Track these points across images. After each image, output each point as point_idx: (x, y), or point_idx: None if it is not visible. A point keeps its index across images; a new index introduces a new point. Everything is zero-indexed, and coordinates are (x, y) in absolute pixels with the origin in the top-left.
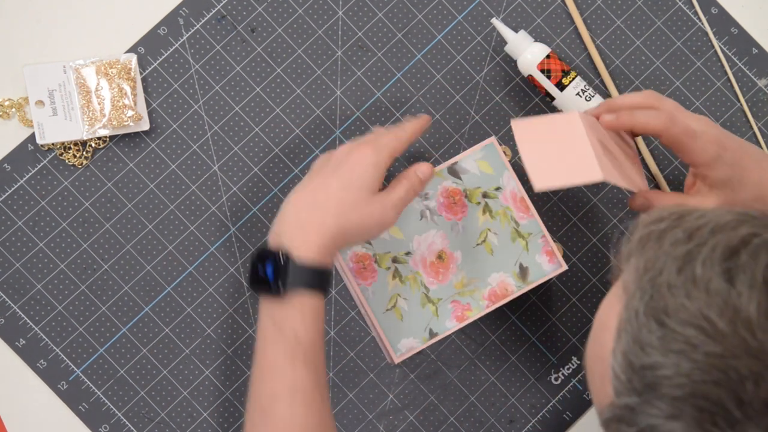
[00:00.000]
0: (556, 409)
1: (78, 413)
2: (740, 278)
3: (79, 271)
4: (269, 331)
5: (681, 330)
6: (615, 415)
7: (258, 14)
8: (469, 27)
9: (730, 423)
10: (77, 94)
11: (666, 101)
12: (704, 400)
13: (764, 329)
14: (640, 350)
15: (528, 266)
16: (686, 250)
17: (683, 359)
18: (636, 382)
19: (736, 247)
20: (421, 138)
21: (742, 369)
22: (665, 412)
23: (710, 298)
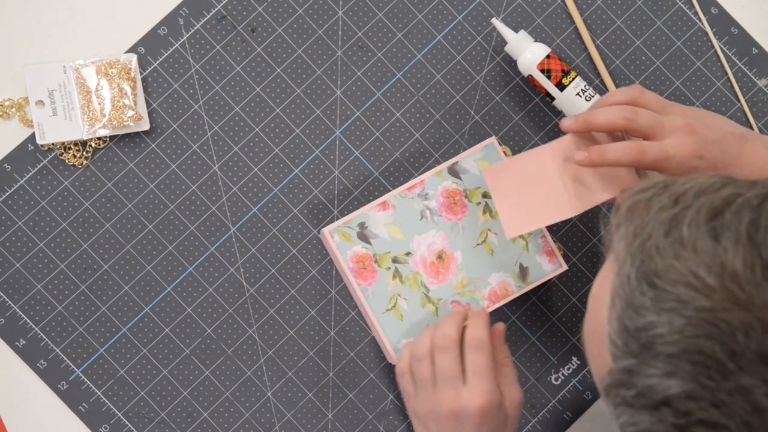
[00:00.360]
0: (556, 409)
1: (78, 413)
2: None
3: (79, 271)
4: None
5: (672, 289)
6: (614, 381)
7: (258, 14)
8: (469, 27)
9: (724, 374)
10: (77, 94)
11: (647, 96)
12: (698, 355)
13: (751, 282)
14: (634, 313)
15: (528, 266)
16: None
17: (675, 316)
18: (632, 344)
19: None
20: (421, 138)
21: (732, 321)
22: (662, 370)
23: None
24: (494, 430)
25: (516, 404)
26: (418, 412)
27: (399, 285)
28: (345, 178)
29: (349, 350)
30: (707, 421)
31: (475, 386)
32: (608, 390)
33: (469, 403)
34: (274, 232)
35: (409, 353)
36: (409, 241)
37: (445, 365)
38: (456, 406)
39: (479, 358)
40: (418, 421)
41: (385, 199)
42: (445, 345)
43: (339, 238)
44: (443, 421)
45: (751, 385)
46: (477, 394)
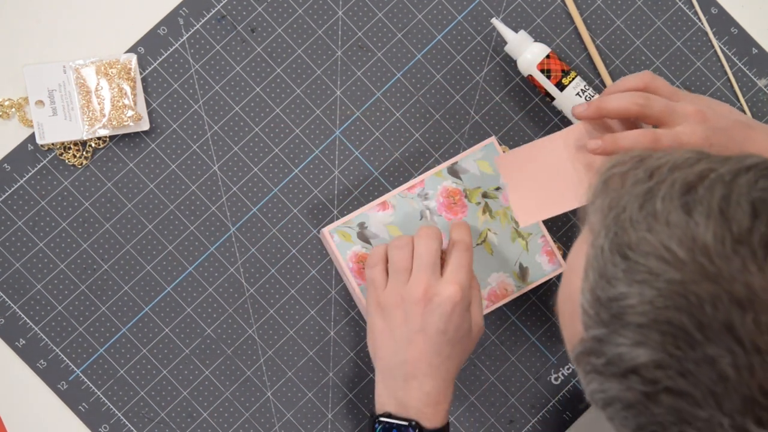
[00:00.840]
0: (556, 409)
1: (78, 413)
2: (698, 210)
3: (79, 271)
4: None
5: (644, 261)
6: (585, 349)
7: (258, 14)
8: (469, 27)
9: (691, 345)
10: (77, 94)
11: (658, 82)
12: (667, 325)
13: (720, 255)
14: (606, 284)
15: (528, 266)
16: (647, 187)
17: (646, 288)
18: (603, 314)
19: (694, 182)
20: (421, 138)
21: (701, 293)
22: (631, 339)
23: (670, 230)
24: (458, 332)
25: (479, 326)
26: (384, 302)
27: None
28: (345, 178)
29: (349, 350)
30: (674, 389)
31: (454, 277)
32: (579, 358)
33: (444, 289)
34: (274, 232)
35: (387, 245)
36: None
37: (426, 251)
38: (431, 291)
39: (462, 256)
40: (379, 313)
41: (385, 199)
42: (430, 234)
43: (339, 238)
44: (412, 307)
45: (717, 355)
46: (454, 283)
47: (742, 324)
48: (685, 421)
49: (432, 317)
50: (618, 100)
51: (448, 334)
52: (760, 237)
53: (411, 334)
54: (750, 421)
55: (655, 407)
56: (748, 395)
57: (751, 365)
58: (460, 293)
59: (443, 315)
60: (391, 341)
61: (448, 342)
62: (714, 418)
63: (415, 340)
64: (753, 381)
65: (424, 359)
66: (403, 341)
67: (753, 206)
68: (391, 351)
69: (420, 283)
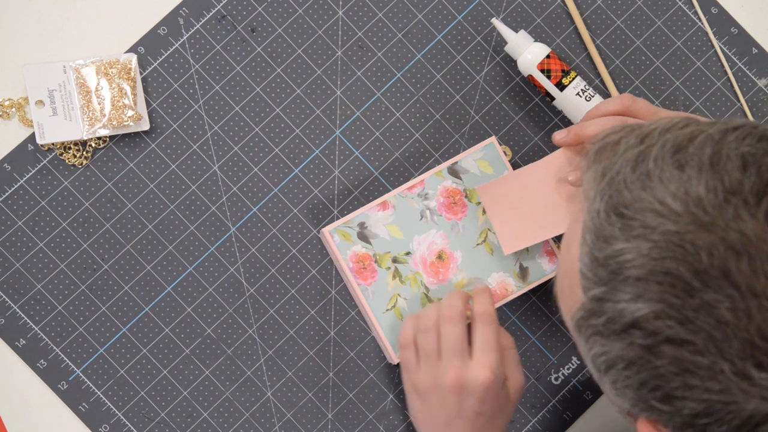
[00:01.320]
0: (556, 409)
1: (78, 413)
2: (689, 165)
3: (79, 271)
4: None
5: (640, 217)
6: (585, 312)
7: (258, 14)
8: (469, 27)
9: (689, 292)
10: (77, 94)
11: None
12: (664, 275)
13: (713, 205)
14: (603, 243)
15: (528, 266)
16: (639, 151)
17: (643, 241)
18: (601, 272)
19: (684, 143)
20: (421, 138)
21: (696, 242)
22: (630, 294)
23: (663, 185)
24: (496, 407)
25: (518, 387)
26: (418, 386)
27: (399, 285)
28: (345, 178)
29: (349, 350)
30: (674, 338)
31: (482, 359)
32: (579, 324)
33: (475, 375)
34: (274, 232)
35: (414, 325)
36: (409, 241)
37: (453, 336)
38: (461, 378)
39: (488, 332)
40: (416, 395)
41: (385, 199)
42: (453, 316)
43: (339, 238)
44: (446, 394)
45: (715, 301)
46: (484, 367)
47: (738, 269)
48: (687, 370)
49: (467, 402)
50: (596, 125)
51: (485, 414)
52: (751, 186)
53: (449, 418)
54: (750, 365)
55: (657, 359)
56: (747, 339)
57: (748, 309)
58: (492, 376)
59: (478, 399)
60: (431, 423)
61: (488, 419)
62: (715, 365)
63: (454, 423)
64: (751, 325)
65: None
66: (442, 424)
67: (742, 159)
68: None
69: (450, 371)
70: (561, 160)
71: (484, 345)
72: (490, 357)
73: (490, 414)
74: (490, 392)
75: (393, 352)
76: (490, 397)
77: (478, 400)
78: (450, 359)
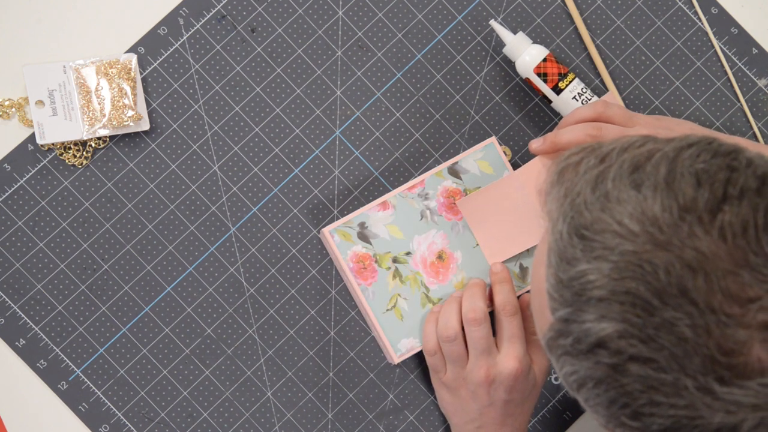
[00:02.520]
0: (556, 409)
1: (78, 413)
2: (645, 185)
3: (79, 271)
4: None
5: (600, 238)
6: (554, 333)
7: (258, 14)
8: (469, 27)
9: (650, 311)
10: (77, 94)
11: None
12: (625, 295)
13: (668, 224)
14: (567, 265)
15: (528, 266)
16: (598, 171)
17: (603, 262)
18: (566, 294)
19: (641, 162)
20: (421, 138)
21: (654, 260)
22: (594, 314)
23: (621, 206)
24: (523, 393)
25: (544, 371)
26: (448, 383)
27: (399, 285)
28: (345, 178)
29: (349, 350)
30: (638, 356)
31: (510, 351)
32: (550, 344)
33: (504, 367)
34: (274, 232)
35: (436, 332)
36: (409, 241)
37: (479, 337)
38: (492, 372)
39: (514, 323)
40: (446, 389)
41: (385, 199)
42: (478, 318)
43: (339, 237)
44: (476, 388)
45: (674, 318)
46: (512, 358)
47: (695, 286)
48: (652, 387)
49: (497, 393)
50: (571, 133)
51: (515, 401)
52: (705, 203)
53: (481, 407)
54: (712, 380)
55: (623, 378)
56: (708, 355)
57: (707, 325)
58: (520, 366)
59: (507, 389)
60: (462, 412)
61: (517, 405)
62: (679, 381)
63: (486, 412)
64: (711, 340)
65: (497, 422)
66: (474, 412)
67: (696, 177)
68: (464, 419)
69: (480, 368)
70: (538, 167)
71: (510, 337)
72: (516, 348)
73: (519, 400)
74: (519, 381)
75: (393, 352)
76: (518, 385)
77: (507, 389)
78: (479, 359)
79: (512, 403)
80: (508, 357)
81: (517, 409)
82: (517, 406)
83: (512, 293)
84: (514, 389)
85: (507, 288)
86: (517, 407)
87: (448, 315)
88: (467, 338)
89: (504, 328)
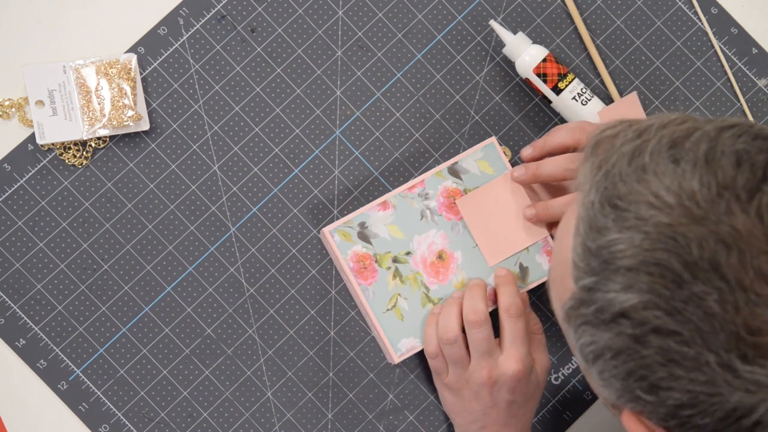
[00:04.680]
0: (556, 409)
1: (78, 413)
2: (684, 160)
3: (79, 271)
4: None
5: (633, 208)
6: (575, 302)
7: (258, 14)
8: (469, 27)
9: (679, 284)
10: (77, 94)
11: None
12: (655, 266)
13: (706, 199)
14: (596, 233)
15: (528, 266)
16: (636, 145)
17: (635, 232)
18: (593, 262)
19: (680, 138)
20: (421, 138)
21: (688, 234)
22: (620, 284)
23: (658, 178)
24: (526, 394)
25: (545, 370)
26: (450, 385)
27: (399, 285)
28: (345, 178)
29: (349, 350)
30: (662, 328)
31: (513, 352)
32: (569, 313)
33: (506, 369)
34: (274, 232)
35: (437, 336)
36: (410, 241)
37: (482, 339)
38: (494, 374)
39: (517, 325)
40: (449, 391)
41: (385, 198)
42: (479, 320)
43: (339, 237)
44: (479, 389)
45: (704, 293)
46: (514, 360)
47: (728, 263)
48: (672, 360)
49: (500, 394)
50: (552, 165)
51: (517, 401)
52: (744, 183)
53: (484, 408)
54: (735, 358)
55: (644, 349)
56: (734, 332)
57: (736, 302)
58: (522, 368)
59: (509, 390)
60: (465, 413)
61: (520, 406)
62: (701, 356)
63: (489, 413)
64: (738, 317)
65: (500, 422)
66: (477, 413)
67: (737, 156)
68: (467, 420)
69: (482, 370)
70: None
71: (513, 338)
72: (519, 350)
73: (521, 401)
74: (521, 382)
75: (393, 351)
76: (520, 386)
77: (509, 390)
78: (480, 360)
79: (515, 404)
80: (510, 358)
81: (520, 410)
82: (520, 407)
83: (517, 295)
84: (516, 390)
85: (512, 290)
86: (520, 408)
87: (448, 317)
88: (468, 340)
89: (507, 330)
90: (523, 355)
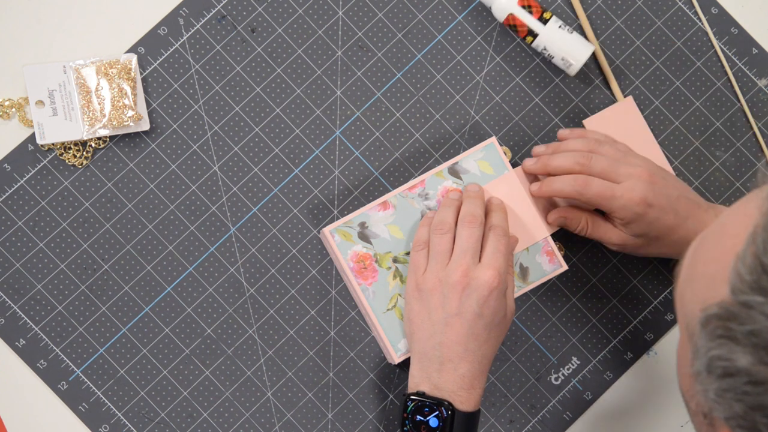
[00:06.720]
0: (556, 409)
1: (78, 413)
2: None
3: (79, 271)
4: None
5: None
6: (725, 312)
7: (258, 14)
8: (469, 27)
9: None
10: (77, 94)
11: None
12: None
13: None
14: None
15: (528, 266)
16: None
17: None
18: (765, 282)
19: None
20: (421, 138)
21: None
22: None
23: None
24: (493, 316)
25: (510, 312)
26: (422, 285)
27: (399, 285)
28: (345, 178)
29: (349, 350)
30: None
31: (491, 261)
32: (710, 319)
33: (482, 274)
34: (274, 232)
35: (430, 227)
36: (410, 241)
37: (469, 237)
38: (469, 275)
39: (501, 242)
40: (417, 296)
41: (385, 198)
42: (474, 221)
43: (339, 237)
44: (450, 290)
45: None
46: (491, 268)
47: None
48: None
49: (469, 301)
50: (562, 158)
51: (484, 318)
52: None
53: (448, 317)
54: None
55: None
56: None
57: None
58: (498, 278)
59: (480, 299)
60: (428, 324)
61: (485, 326)
62: None
63: (452, 323)
64: None
65: (460, 342)
66: (440, 324)
67: None
68: (427, 333)
69: (459, 267)
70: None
71: (494, 250)
72: (498, 260)
73: (487, 320)
74: (493, 295)
75: (393, 351)
76: (491, 301)
77: (479, 299)
78: (461, 256)
79: (481, 321)
80: (488, 267)
81: (482, 333)
82: (484, 329)
83: (507, 222)
84: (485, 303)
85: (503, 215)
86: (484, 331)
87: (445, 214)
88: (457, 237)
89: (490, 243)
90: (501, 267)
